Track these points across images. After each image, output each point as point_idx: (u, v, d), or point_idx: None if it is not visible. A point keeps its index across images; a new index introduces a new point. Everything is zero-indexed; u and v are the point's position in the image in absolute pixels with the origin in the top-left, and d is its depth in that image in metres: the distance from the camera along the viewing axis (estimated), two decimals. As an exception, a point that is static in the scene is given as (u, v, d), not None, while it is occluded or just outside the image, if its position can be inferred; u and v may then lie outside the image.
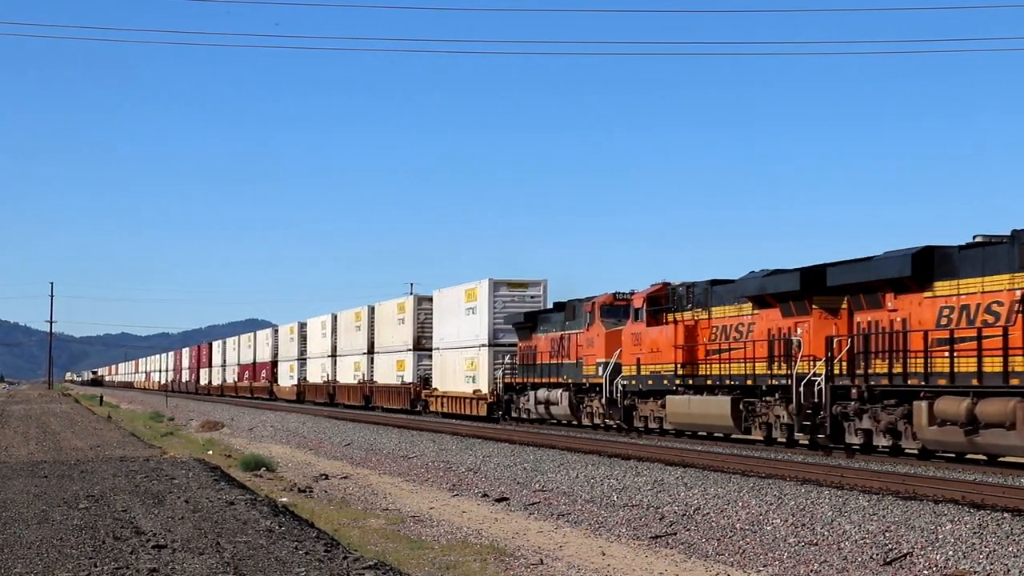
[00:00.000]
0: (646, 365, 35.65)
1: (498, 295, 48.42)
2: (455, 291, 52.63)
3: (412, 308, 57.97)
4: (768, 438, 30.59)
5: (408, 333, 58.21)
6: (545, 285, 49.01)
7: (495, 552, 15.91)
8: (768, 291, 29.98)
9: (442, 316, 53.90)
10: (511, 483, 24.22)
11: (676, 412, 33.74)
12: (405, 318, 58.83)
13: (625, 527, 18.07)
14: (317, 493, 23.86)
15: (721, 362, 31.86)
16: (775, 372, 29.46)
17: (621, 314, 38.28)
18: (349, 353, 69.03)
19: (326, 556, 13.21)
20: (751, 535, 16.61)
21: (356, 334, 67.63)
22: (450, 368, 52.11)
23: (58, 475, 23.50)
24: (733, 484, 20.76)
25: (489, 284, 48.47)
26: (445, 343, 53.05)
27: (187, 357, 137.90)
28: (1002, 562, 13.58)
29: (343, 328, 71.30)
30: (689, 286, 34.04)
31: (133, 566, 12.62)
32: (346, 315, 71.07)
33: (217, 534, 14.91)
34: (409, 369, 57.32)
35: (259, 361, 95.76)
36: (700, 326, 33.34)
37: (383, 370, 62.31)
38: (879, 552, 14.74)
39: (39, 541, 14.46)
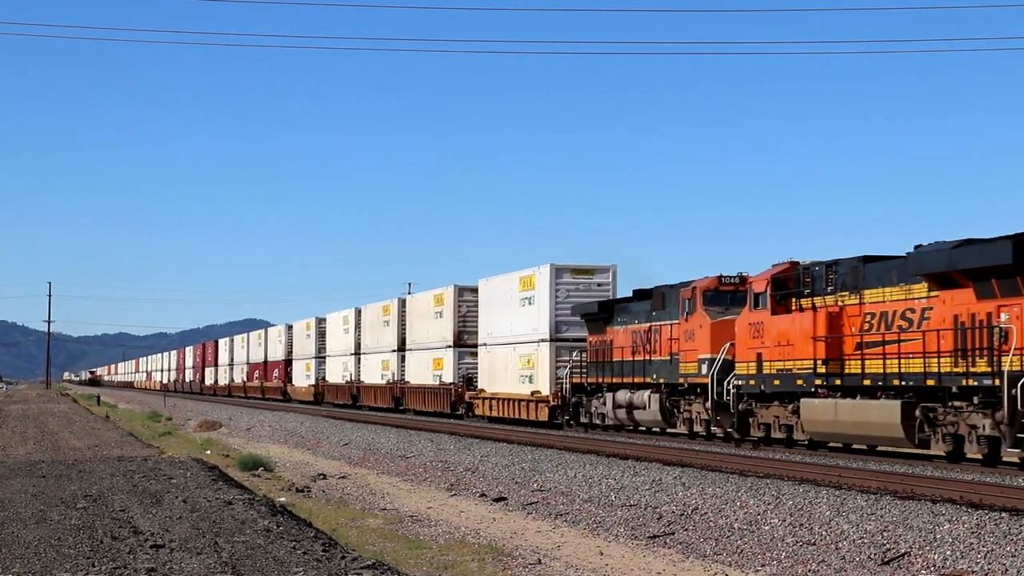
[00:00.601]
0: (771, 361, 29.37)
1: (561, 283, 42.44)
2: (507, 279, 46.71)
3: (452, 300, 51.69)
4: (955, 452, 24.50)
5: (447, 328, 52.16)
6: (614, 271, 42.98)
7: (493, 552, 15.91)
8: (960, 266, 23.73)
9: (490, 308, 47.87)
10: (509, 483, 24.22)
11: (816, 419, 27.40)
12: (444, 311, 52.76)
13: (623, 527, 18.07)
14: (315, 493, 23.86)
15: (885, 356, 25.62)
16: (972, 370, 23.34)
17: (728, 301, 32.74)
18: (376, 351, 63.32)
19: (324, 556, 13.21)
20: (749, 535, 16.62)
21: (384, 330, 61.96)
22: (501, 367, 46.24)
23: (56, 475, 23.50)
24: (731, 484, 20.77)
25: (550, 271, 42.44)
26: (494, 338, 47.16)
27: (191, 356, 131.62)
28: (1000, 562, 13.58)
29: (369, 323, 65.36)
30: (830, 264, 28.13)
31: (131, 566, 12.62)
32: (372, 309, 65.09)
33: (215, 534, 14.91)
34: (448, 368, 51.56)
35: (271, 360, 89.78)
36: (847, 312, 27.19)
37: (417, 369, 56.28)
38: (877, 552, 14.75)
39: (37, 541, 14.45)
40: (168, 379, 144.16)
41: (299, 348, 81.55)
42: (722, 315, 32.41)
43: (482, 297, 49.10)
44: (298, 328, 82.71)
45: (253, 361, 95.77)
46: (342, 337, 70.16)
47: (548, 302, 42.42)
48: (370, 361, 64.55)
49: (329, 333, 74.17)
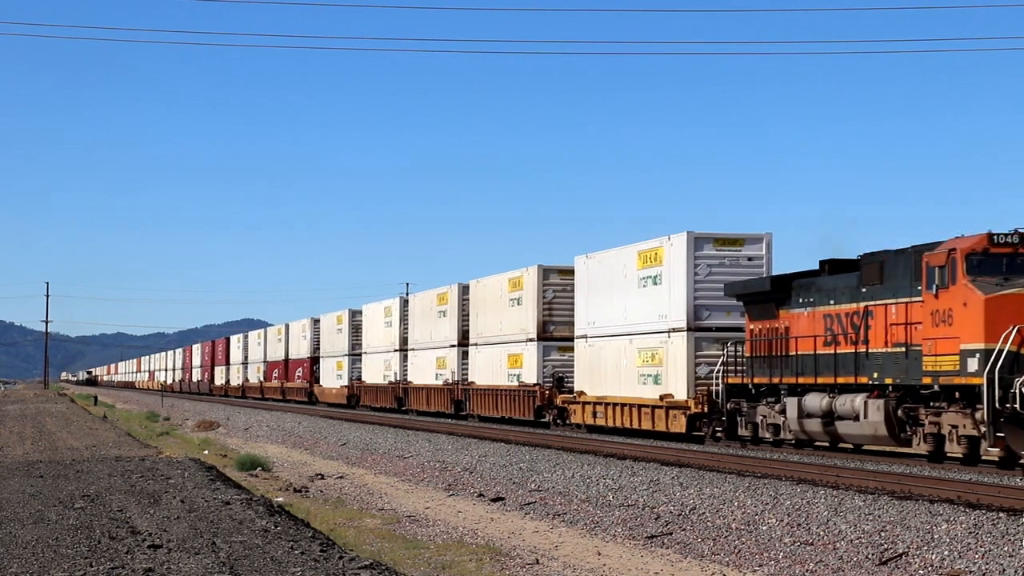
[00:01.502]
0: None
1: (702, 256, 33.32)
2: (617, 255, 37.51)
3: (534, 284, 42.80)
4: None
5: (528, 317, 43.10)
6: (768, 241, 33.79)
7: (491, 552, 15.91)
8: None
9: (591, 291, 38.82)
10: (507, 483, 24.22)
11: None
12: (523, 297, 43.73)
13: (621, 527, 18.08)
14: (313, 493, 23.85)
15: None
16: None
17: (1004, 268, 24.09)
18: (428, 346, 54.28)
19: (322, 556, 13.21)
20: (747, 535, 16.62)
21: (439, 322, 52.95)
22: (610, 364, 37.16)
23: (54, 475, 23.49)
24: (729, 484, 20.77)
25: (688, 241, 33.20)
26: (599, 329, 38.03)
27: (198, 354, 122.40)
28: (997, 562, 13.59)
29: (419, 314, 56.02)
30: None
31: (129, 566, 12.62)
32: (423, 298, 56.24)
33: (213, 534, 14.91)
34: (531, 366, 42.58)
35: (293, 358, 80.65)
36: None
37: (485, 368, 47.07)
38: (875, 552, 14.75)
39: (35, 541, 14.45)
40: (173, 379, 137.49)
41: (328, 344, 72.52)
42: (1000, 288, 23.61)
43: (580, 278, 39.90)
44: (327, 322, 73.55)
45: (271, 359, 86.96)
46: (383, 331, 61.29)
47: (684, 281, 33.13)
48: (421, 358, 55.18)
49: (367, 327, 64.76)
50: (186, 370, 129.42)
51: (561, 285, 42.40)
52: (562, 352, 41.92)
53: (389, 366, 59.82)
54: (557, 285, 42.64)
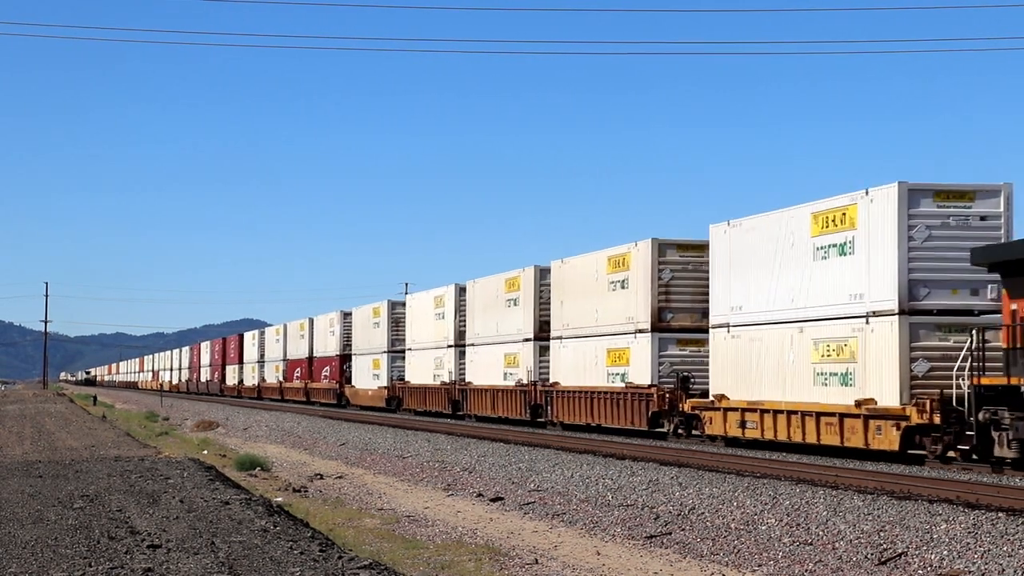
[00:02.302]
0: None
1: (918, 215, 25.86)
2: (776, 220, 29.54)
3: (646, 263, 35.12)
4: None
5: (636, 304, 35.60)
6: (1008, 194, 26.27)
7: (490, 552, 15.91)
8: None
9: (735, 268, 30.97)
10: (506, 483, 24.22)
11: None
12: (628, 279, 36.27)
13: (620, 527, 18.07)
14: (312, 493, 23.85)
15: None
16: None
17: None
18: (493, 341, 46.71)
19: (321, 556, 13.21)
20: (746, 535, 16.62)
21: (508, 312, 45.22)
22: (766, 360, 29.41)
23: (53, 475, 23.49)
24: (728, 484, 20.77)
25: (900, 194, 25.80)
26: (746, 315, 30.42)
27: (207, 353, 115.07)
28: (996, 562, 13.59)
29: (481, 304, 48.25)
30: None
31: (128, 566, 12.62)
32: (486, 285, 48.01)
33: (212, 534, 14.90)
34: (641, 363, 35.03)
35: (319, 355, 73.15)
36: None
37: (574, 366, 39.51)
38: (874, 552, 14.75)
39: (34, 541, 14.45)
40: (179, 379, 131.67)
41: (363, 340, 64.43)
42: None
43: (719, 252, 31.80)
44: (361, 316, 65.38)
45: (292, 357, 79.64)
46: (433, 324, 53.53)
47: (894, 247, 25.76)
48: (485, 355, 47.63)
49: (411, 320, 56.80)
50: (193, 369, 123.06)
51: (681, 263, 35.02)
52: (683, 346, 34.83)
53: (441, 364, 52.17)
54: (676, 263, 35.04)
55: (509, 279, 45.35)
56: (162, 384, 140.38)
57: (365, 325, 64.13)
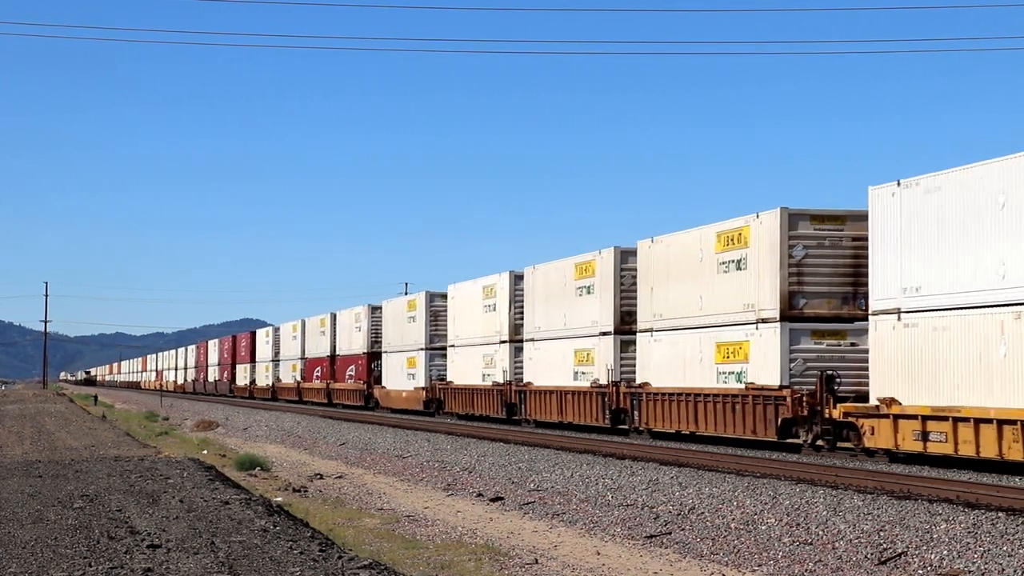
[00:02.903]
0: None
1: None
2: (980, 173, 23.19)
3: (770, 238, 29.17)
4: None
5: (759, 288, 29.25)
6: None
7: (490, 551, 15.91)
8: None
9: (909, 239, 24.89)
10: (506, 482, 24.22)
11: None
12: (746, 258, 29.72)
13: (620, 527, 18.07)
14: (312, 493, 23.85)
15: None
16: None
17: None
18: (559, 335, 39.94)
19: (321, 556, 13.21)
20: (746, 535, 16.62)
21: (579, 302, 38.66)
22: (964, 353, 23.13)
23: (52, 475, 23.49)
24: (728, 483, 20.76)
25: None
26: (927, 298, 24.33)
27: (215, 351, 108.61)
28: (996, 561, 13.59)
29: (542, 293, 41.63)
30: None
31: (128, 566, 12.62)
32: (550, 270, 41.30)
33: (212, 534, 14.90)
34: (766, 358, 29.11)
35: (343, 353, 67.02)
36: None
37: (670, 362, 33.00)
38: (874, 551, 14.75)
39: (34, 541, 14.45)
40: (185, 379, 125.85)
41: (395, 336, 58.01)
42: None
43: (884, 221, 25.80)
44: (394, 309, 59.04)
45: (312, 355, 73.53)
46: (482, 318, 46.93)
47: None
48: (547, 352, 40.92)
49: (455, 313, 50.34)
50: (200, 369, 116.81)
51: (816, 238, 28.92)
52: (819, 338, 28.75)
53: (492, 363, 45.51)
54: (810, 238, 29.00)
55: (581, 263, 38.67)
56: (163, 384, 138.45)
57: (398, 320, 57.51)
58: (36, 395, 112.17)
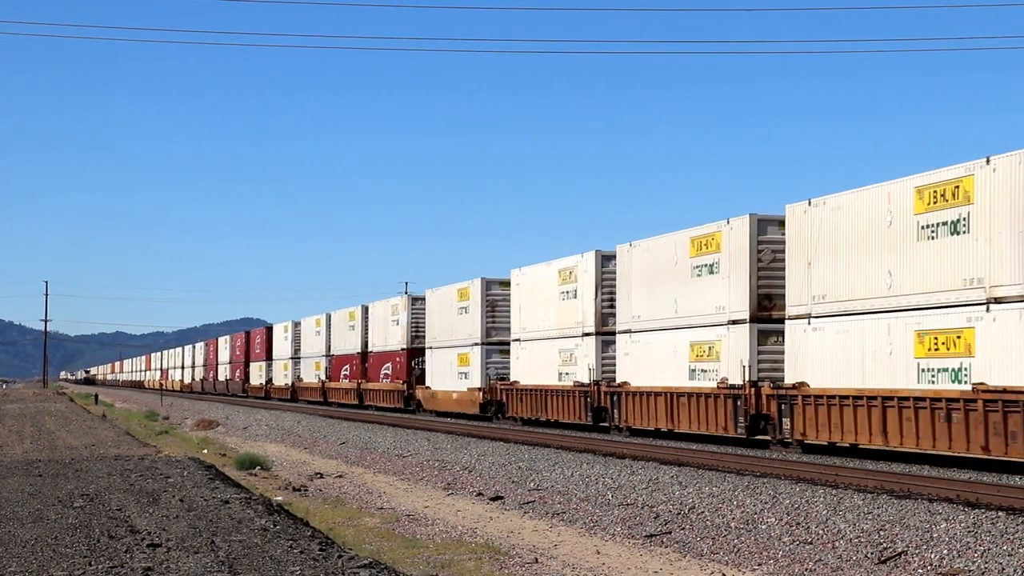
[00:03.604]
0: None
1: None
2: None
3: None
4: None
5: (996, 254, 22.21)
6: None
7: (490, 551, 15.91)
8: None
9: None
10: (506, 482, 24.22)
11: None
12: (965, 218, 22.88)
13: (620, 526, 18.07)
14: (312, 492, 23.85)
15: None
16: None
17: None
18: (670, 324, 32.71)
19: (321, 555, 13.21)
20: (746, 534, 16.62)
21: (698, 284, 31.43)
22: None
23: (53, 474, 23.50)
24: (728, 483, 20.76)
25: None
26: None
27: (226, 348, 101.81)
28: (996, 561, 13.59)
29: (642, 275, 34.29)
30: None
31: (128, 565, 12.62)
32: (655, 247, 34.01)
33: (212, 533, 14.91)
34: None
35: (377, 350, 59.97)
36: None
37: (852, 356, 26.02)
38: (874, 551, 14.75)
39: (34, 540, 14.45)
40: (193, 378, 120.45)
41: (442, 330, 50.96)
42: None
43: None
44: (438, 299, 51.92)
45: (339, 352, 67.22)
46: (559, 306, 39.82)
47: None
48: (650, 346, 33.80)
49: (521, 302, 43.17)
50: (209, 367, 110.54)
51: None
52: None
53: (572, 359, 38.80)
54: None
55: (699, 238, 31.56)
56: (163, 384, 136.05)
57: (446, 311, 50.33)
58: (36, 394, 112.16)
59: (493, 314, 46.72)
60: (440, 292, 51.55)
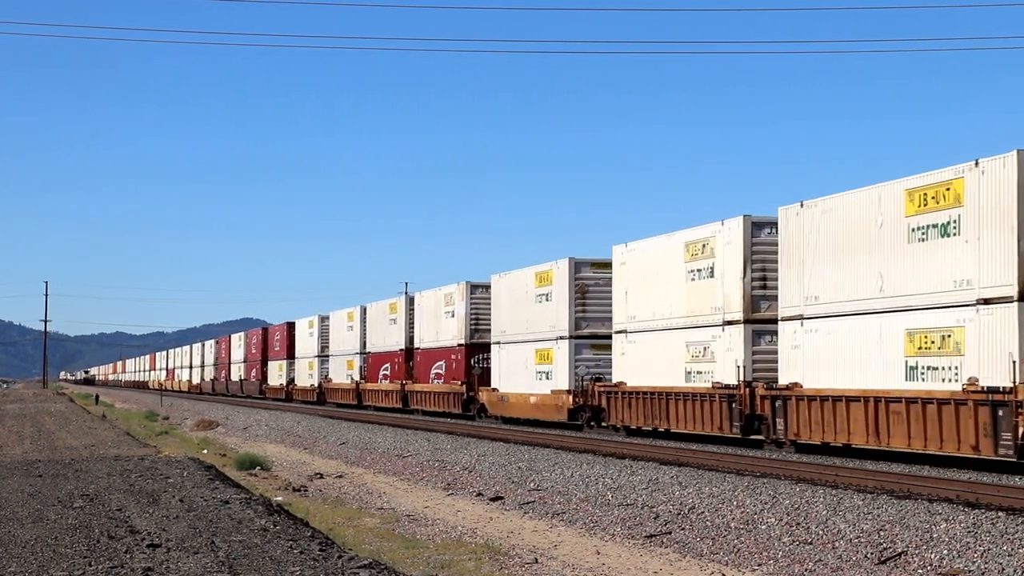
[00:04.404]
0: None
1: None
2: None
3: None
4: None
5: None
6: None
7: (490, 551, 15.91)
8: None
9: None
10: (506, 482, 24.22)
11: None
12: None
13: (620, 526, 18.07)
14: (312, 492, 23.85)
15: None
16: None
17: None
18: (861, 308, 25.37)
19: (321, 555, 13.21)
20: (746, 534, 16.62)
21: (922, 253, 23.53)
22: None
23: (53, 474, 23.49)
24: (728, 483, 20.76)
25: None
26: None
27: (240, 346, 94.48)
28: (996, 561, 13.59)
29: (822, 244, 26.64)
30: None
31: (128, 565, 12.62)
32: (835, 207, 26.35)
33: (212, 533, 14.91)
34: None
35: (426, 346, 52.09)
36: None
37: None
38: (874, 551, 14.75)
39: (34, 540, 14.45)
40: (202, 378, 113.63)
41: (513, 321, 42.84)
42: None
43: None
44: (508, 285, 43.75)
45: (377, 349, 59.62)
46: (685, 288, 31.94)
47: None
48: (839, 335, 26.08)
49: (628, 285, 35.00)
50: (221, 367, 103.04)
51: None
52: None
53: (706, 354, 30.80)
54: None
55: (923, 189, 23.57)
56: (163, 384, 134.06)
57: (519, 299, 42.37)
58: (36, 394, 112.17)
59: (584, 302, 38.62)
60: (511, 277, 43.72)
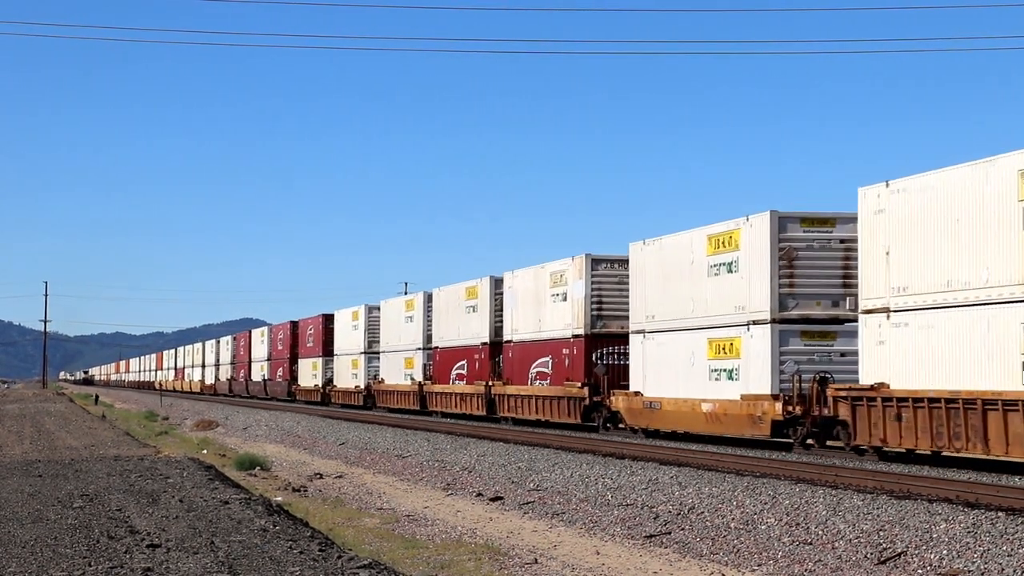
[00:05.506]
0: None
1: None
2: None
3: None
4: None
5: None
6: None
7: (489, 551, 15.91)
8: None
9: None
10: (505, 482, 24.22)
11: None
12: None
13: (619, 526, 18.07)
14: (312, 492, 23.85)
15: None
16: None
17: None
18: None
19: (320, 555, 13.21)
20: (745, 534, 16.62)
21: None
22: None
23: (52, 474, 23.50)
24: (727, 483, 20.76)
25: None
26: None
27: (263, 343, 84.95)
28: (996, 561, 13.59)
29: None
30: None
31: (127, 565, 12.62)
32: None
33: (211, 533, 14.91)
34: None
35: (522, 338, 42.24)
36: None
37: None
38: (873, 551, 14.75)
39: (33, 540, 14.45)
40: (216, 377, 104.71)
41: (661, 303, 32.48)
42: None
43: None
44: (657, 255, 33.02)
45: (448, 344, 49.54)
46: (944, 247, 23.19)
47: None
48: None
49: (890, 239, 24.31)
50: (239, 366, 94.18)
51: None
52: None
53: None
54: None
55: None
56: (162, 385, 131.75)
57: (673, 274, 31.93)
58: (36, 395, 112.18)
59: (791, 271, 28.32)
60: (661, 244, 32.91)
